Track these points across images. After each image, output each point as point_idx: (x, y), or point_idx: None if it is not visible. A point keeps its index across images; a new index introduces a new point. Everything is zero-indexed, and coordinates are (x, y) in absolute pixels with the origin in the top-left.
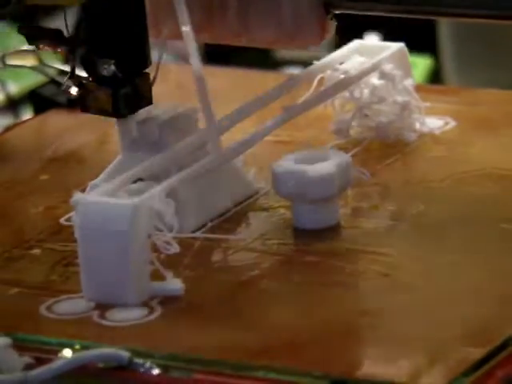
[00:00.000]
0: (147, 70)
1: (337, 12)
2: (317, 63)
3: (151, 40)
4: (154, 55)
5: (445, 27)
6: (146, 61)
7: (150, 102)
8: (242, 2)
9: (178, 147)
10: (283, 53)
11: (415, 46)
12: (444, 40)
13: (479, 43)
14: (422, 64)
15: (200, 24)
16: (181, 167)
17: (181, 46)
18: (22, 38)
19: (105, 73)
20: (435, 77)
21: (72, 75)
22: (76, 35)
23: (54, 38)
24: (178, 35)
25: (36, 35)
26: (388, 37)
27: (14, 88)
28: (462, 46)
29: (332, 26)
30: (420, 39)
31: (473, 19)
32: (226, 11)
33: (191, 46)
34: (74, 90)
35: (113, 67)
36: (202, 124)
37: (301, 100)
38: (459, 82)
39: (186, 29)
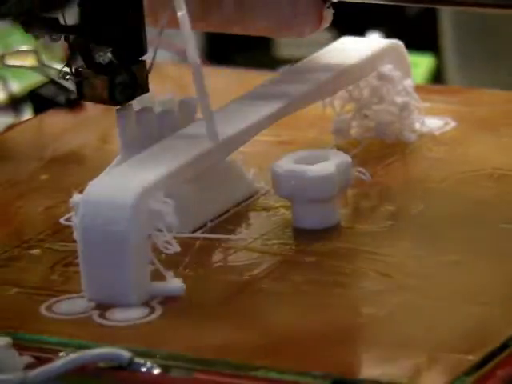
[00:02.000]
0: (144, 58)
1: (334, 1)
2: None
3: (148, 28)
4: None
5: (447, 26)
6: (142, 48)
7: (146, 89)
8: None
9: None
10: (282, 52)
11: (417, 45)
12: (446, 39)
13: (482, 42)
14: (424, 63)
15: (196, 12)
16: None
17: (180, 46)
18: (21, 38)
19: (101, 60)
20: (437, 76)
21: (69, 63)
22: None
23: (50, 26)
24: (176, 24)
25: (33, 23)
26: (389, 36)
27: (16, 86)
28: (464, 45)
29: (329, 14)
30: (422, 38)
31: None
32: None
33: (187, 31)
34: (71, 78)
35: (109, 55)
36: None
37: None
38: (461, 82)
39: (182, 12)
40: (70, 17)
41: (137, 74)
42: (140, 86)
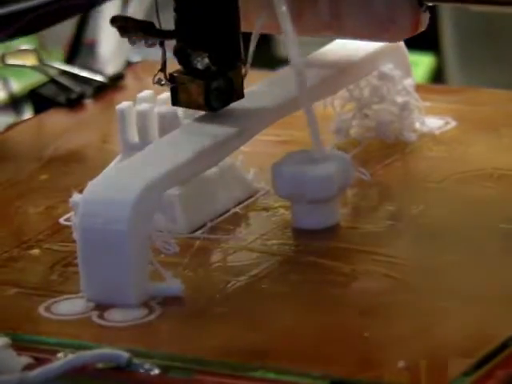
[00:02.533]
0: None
1: (430, 4)
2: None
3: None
4: None
5: (448, 25)
6: (238, 53)
7: (241, 95)
8: None
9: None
10: (282, 52)
11: (418, 45)
12: (447, 38)
13: (482, 42)
14: (424, 63)
15: (290, 16)
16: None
17: None
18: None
19: (198, 65)
20: (438, 75)
21: (163, 68)
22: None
23: (146, 31)
24: (270, 27)
25: (128, 27)
26: None
27: (17, 86)
28: (465, 44)
29: (425, 18)
30: (423, 38)
31: None
32: (316, 2)
33: (288, 28)
34: (166, 84)
35: (206, 60)
36: None
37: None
38: (462, 81)
39: (283, 9)
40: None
41: (233, 79)
42: (236, 92)
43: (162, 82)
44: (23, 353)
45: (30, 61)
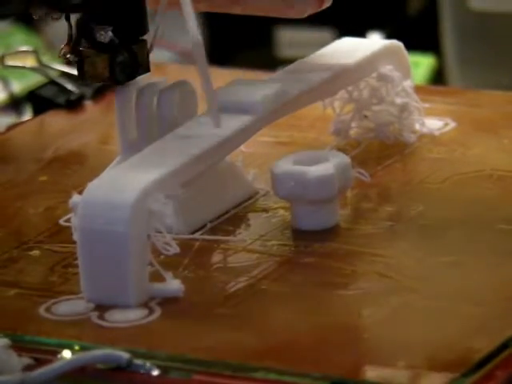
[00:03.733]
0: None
1: None
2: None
3: (149, 8)
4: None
5: (448, 26)
6: (143, 28)
7: (147, 69)
8: None
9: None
10: (282, 52)
11: (418, 46)
12: (447, 39)
13: (483, 43)
14: (425, 63)
15: None
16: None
17: (182, 46)
18: (22, 38)
19: (102, 39)
20: (438, 76)
21: (69, 42)
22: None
23: (51, 5)
24: (176, 6)
25: (32, 1)
26: (390, 36)
27: (17, 87)
28: (466, 45)
29: None
30: (423, 39)
31: None
32: None
33: (188, 10)
34: (71, 57)
35: (110, 33)
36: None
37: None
38: (462, 82)
39: None
40: None
41: (138, 53)
42: (141, 66)
43: (67, 56)
44: (23, 353)
45: (30, 62)
